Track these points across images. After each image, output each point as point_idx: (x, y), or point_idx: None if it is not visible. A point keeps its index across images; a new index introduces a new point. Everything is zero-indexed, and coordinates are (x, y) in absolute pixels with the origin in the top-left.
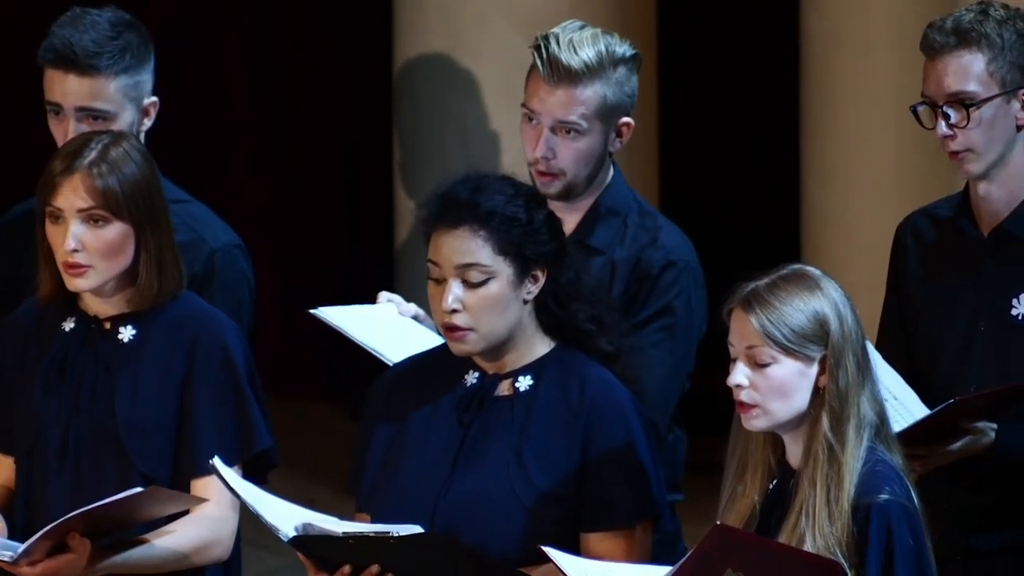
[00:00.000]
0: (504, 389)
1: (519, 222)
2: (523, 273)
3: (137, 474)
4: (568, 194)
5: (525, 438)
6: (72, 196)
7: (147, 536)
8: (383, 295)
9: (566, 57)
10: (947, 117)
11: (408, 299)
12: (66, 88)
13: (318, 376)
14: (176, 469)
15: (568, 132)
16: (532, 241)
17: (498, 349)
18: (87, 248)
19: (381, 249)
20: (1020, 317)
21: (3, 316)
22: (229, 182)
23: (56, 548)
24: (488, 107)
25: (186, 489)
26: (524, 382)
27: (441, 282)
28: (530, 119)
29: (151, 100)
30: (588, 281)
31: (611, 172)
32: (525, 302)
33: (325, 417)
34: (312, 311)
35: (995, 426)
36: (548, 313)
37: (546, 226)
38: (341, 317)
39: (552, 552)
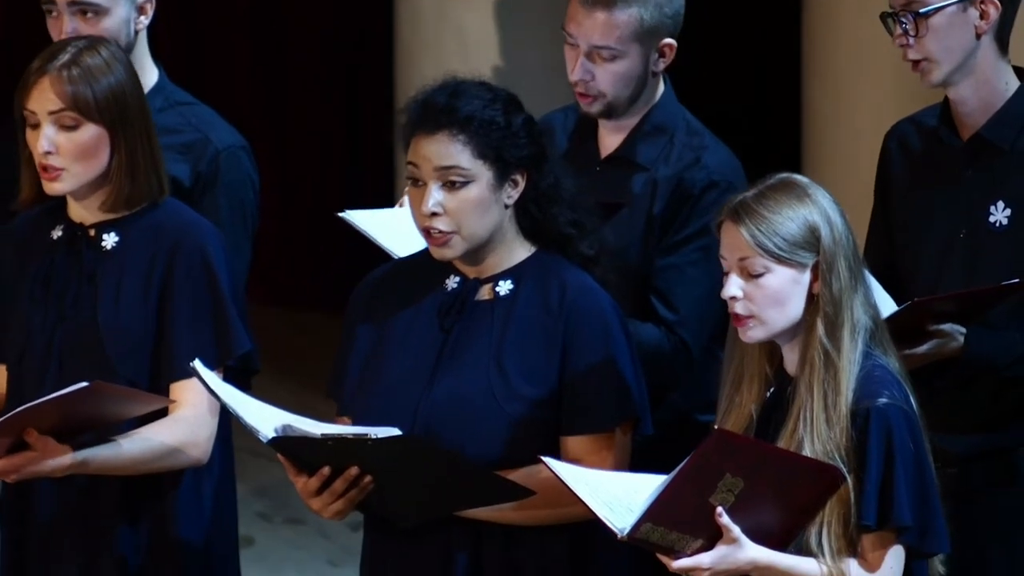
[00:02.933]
0: (484, 294)
1: (497, 126)
2: (503, 177)
3: (120, 380)
4: (610, 113)
5: (505, 342)
6: (43, 98)
7: (120, 438)
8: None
9: None
10: (903, 25)
11: None
12: None
13: (314, 285)
14: (154, 374)
15: (604, 56)
16: (511, 145)
17: (479, 253)
18: (60, 151)
19: (381, 165)
20: (997, 224)
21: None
22: (228, 97)
23: (17, 447)
24: (490, 21)
25: (166, 393)
26: (504, 287)
27: (420, 186)
28: (570, 41)
29: None
30: (567, 185)
31: (661, 89)
32: (506, 206)
33: (321, 326)
34: (341, 214)
35: (964, 330)
36: (529, 217)
37: (524, 130)
38: (368, 221)
39: (550, 461)
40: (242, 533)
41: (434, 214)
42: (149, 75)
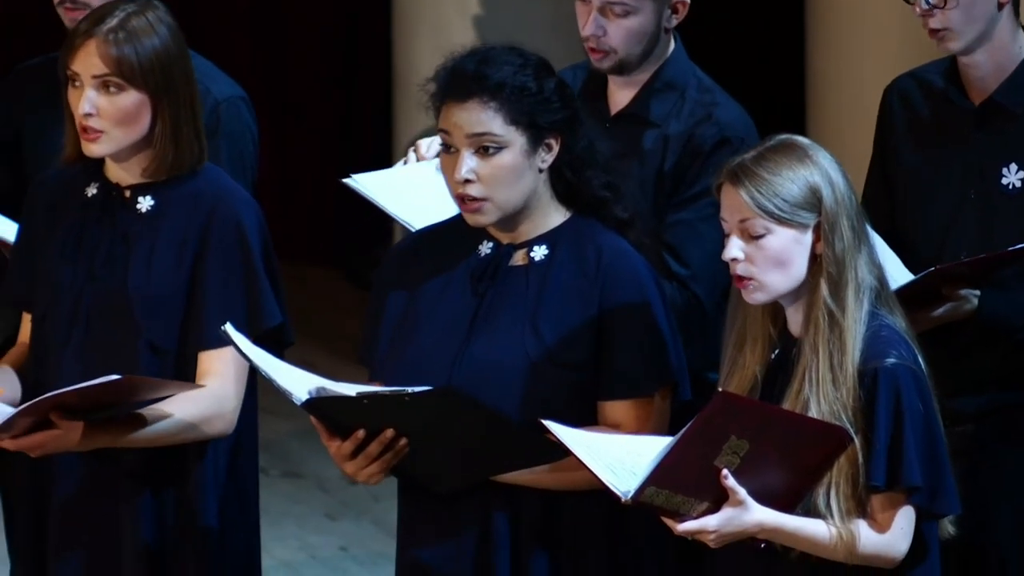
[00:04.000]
0: (519, 259)
1: (529, 91)
2: (536, 142)
3: (145, 343)
4: (622, 70)
5: (540, 307)
6: (88, 61)
7: (146, 411)
8: (423, 144)
9: None
10: None
11: None
12: None
13: (319, 242)
14: (182, 341)
15: (617, 11)
16: (543, 110)
17: (513, 219)
18: (101, 114)
19: (380, 119)
20: (1010, 187)
21: (8, 165)
22: (226, 51)
23: (41, 425)
24: None
25: (193, 361)
26: (539, 252)
27: (453, 153)
28: None
29: None
30: (602, 148)
31: (672, 46)
32: (540, 171)
33: (322, 281)
34: (345, 180)
35: (978, 293)
36: (563, 182)
37: (557, 94)
38: (374, 185)
39: (552, 425)
40: None
41: (467, 181)
42: None
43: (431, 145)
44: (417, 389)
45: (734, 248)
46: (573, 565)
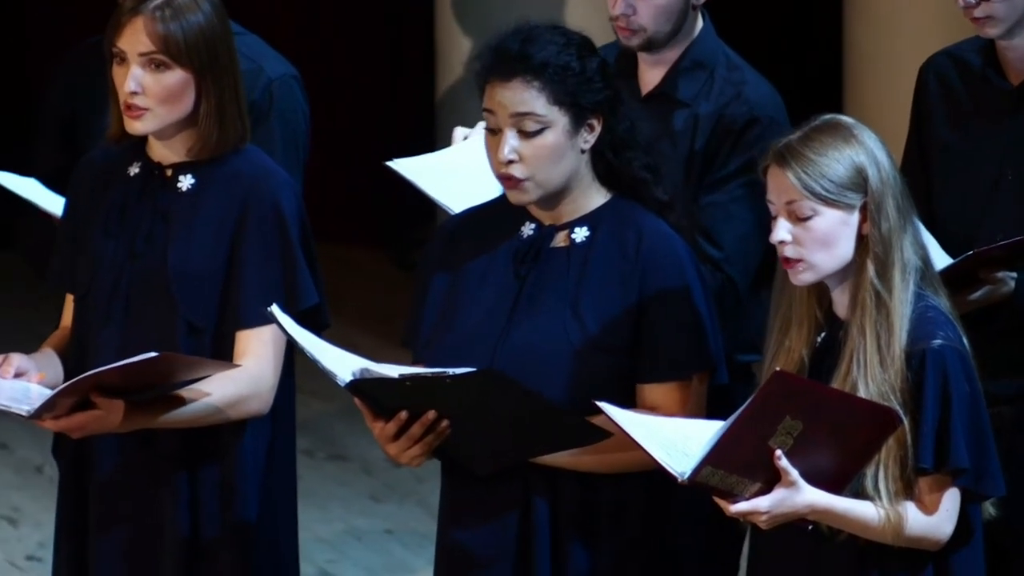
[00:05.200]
0: (560, 240)
1: (572, 71)
2: (578, 122)
3: (182, 321)
4: (650, 47)
5: (581, 289)
6: (134, 39)
7: (183, 391)
8: (458, 132)
9: None
10: None
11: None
12: None
13: (362, 222)
14: (221, 320)
15: None
16: (586, 90)
17: (555, 199)
18: (147, 92)
19: (424, 98)
20: None
21: (63, 146)
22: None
23: (82, 405)
24: None
25: (231, 340)
26: (580, 233)
27: (496, 132)
28: None
29: None
30: (644, 130)
31: (700, 24)
32: (582, 152)
33: (369, 263)
34: (388, 163)
35: (1015, 275)
36: (604, 163)
37: (599, 74)
38: (416, 169)
39: (606, 406)
40: None
41: (510, 161)
42: None
43: (469, 133)
44: (458, 371)
45: (781, 230)
46: (611, 549)
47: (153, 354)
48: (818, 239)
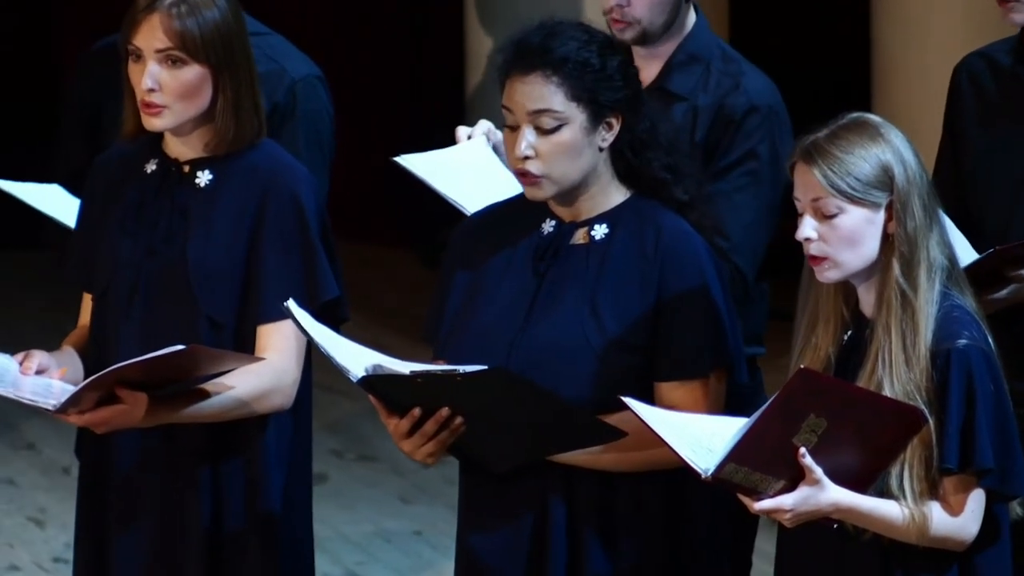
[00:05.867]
0: (579, 237)
1: (592, 68)
2: (597, 120)
3: (203, 317)
4: (645, 40)
5: (599, 286)
6: (150, 36)
7: (206, 386)
8: (461, 131)
9: None
10: None
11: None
12: None
13: (390, 222)
14: (241, 315)
15: None
16: (605, 87)
17: (573, 196)
18: (164, 88)
19: (452, 97)
20: None
21: (88, 142)
22: (297, 24)
23: (107, 399)
24: None
25: (253, 335)
26: (599, 230)
27: (515, 128)
28: None
29: None
30: (664, 129)
31: (693, 17)
32: (600, 149)
33: (397, 263)
34: (395, 159)
35: None
36: (624, 161)
37: (620, 72)
38: (424, 165)
39: (631, 402)
40: (316, 470)
41: (527, 157)
42: None
43: (472, 132)
44: (469, 369)
45: (807, 228)
46: (629, 549)
47: (181, 346)
48: (844, 237)
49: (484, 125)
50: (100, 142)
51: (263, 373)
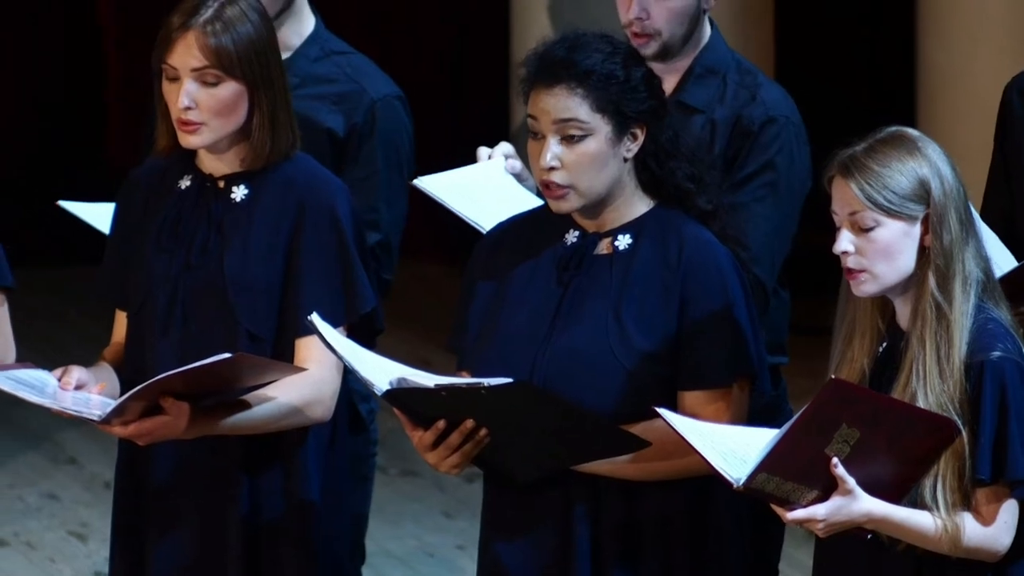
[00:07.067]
0: (603, 248)
1: (616, 79)
2: (621, 131)
3: (243, 332)
4: (665, 54)
5: (623, 297)
6: (186, 54)
7: (247, 398)
8: (482, 151)
9: None
10: None
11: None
12: None
13: (436, 238)
14: (280, 329)
15: None
16: (630, 99)
17: (597, 207)
18: (200, 106)
19: (496, 112)
20: None
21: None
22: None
23: (151, 410)
24: None
25: (291, 348)
26: (623, 241)
27: (540, 139)
28: None
29: None
30: (687, 140)
31: (708, 31)
32: (624, 160)
33: (442, 278)
34: (414, 182)
35: None
36: (647, 172)
37: (644, 84)
38: (442, 187)
39: (665, 412)
40: None
41: (552, 168)
42: (307, 23)
43: (492, 153)
44: (494, 382)
45: (844, 241)
46: (654, 561)
47: (227, 355)
48: (880, 250)
49: (504, 147)
50: None
51: (303, 385)
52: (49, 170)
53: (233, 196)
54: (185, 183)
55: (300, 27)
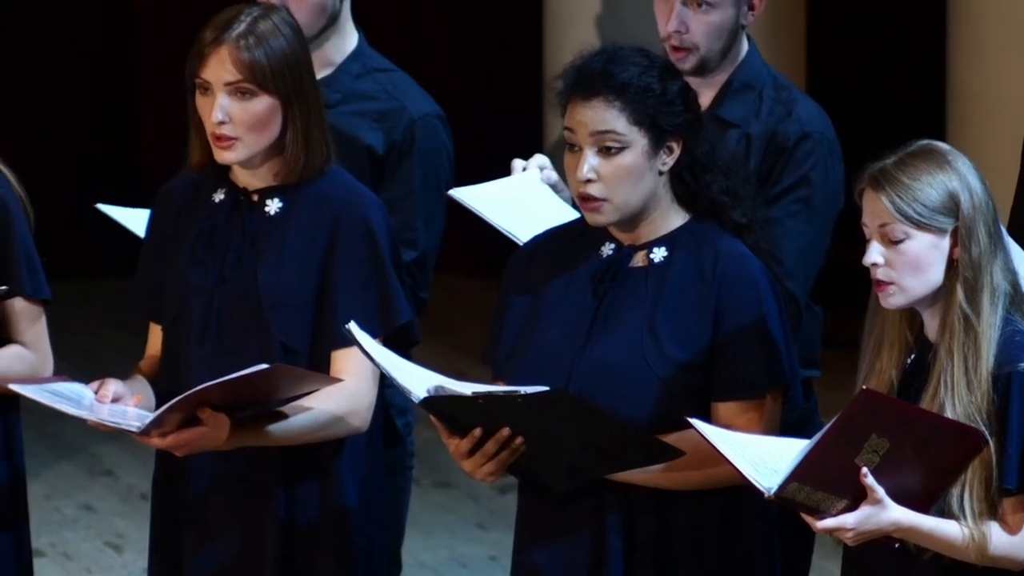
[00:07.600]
0: (639, 260)
1: (653, 93)
2: (658, 144)
3: (277, 344)
4: (703, 69)
5: (658, 309)
6: (219, 69)
7: (284, 409)
8: (517, 163)
9: None
10: None
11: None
12: None
13: (474, 252)
14: (315, 341)
15: (700, 5)
16: (666, 112)
17: (633, 220)
18: (234, 121)
19: (532, 125)
20: None
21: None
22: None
23: (188, 422)
24: None
25: (326, 360)
26: (659, 253)
27: (576, 151)
28: None
29: None
30: (723, 153)
31: (745, 46)
32: (660, 173)
33: (479, 293)
34: (449, 192)
35: None
36: (683, 185)
37: (680, 97)
38: (477, 198)
39: (697, 422)
40: None
41: (588, 180)
42: (349, 39)
43: (527, 165)
44: (530, 390)
45: (874, 253)
46: (686, 570)
47: (265, 366)
48: (909, 262)
49: (540, 159)
50: None
51: (340, 397)
52: (82, 181)
53: (267, 209)
54: (219, 196)
55: (343, 44)
